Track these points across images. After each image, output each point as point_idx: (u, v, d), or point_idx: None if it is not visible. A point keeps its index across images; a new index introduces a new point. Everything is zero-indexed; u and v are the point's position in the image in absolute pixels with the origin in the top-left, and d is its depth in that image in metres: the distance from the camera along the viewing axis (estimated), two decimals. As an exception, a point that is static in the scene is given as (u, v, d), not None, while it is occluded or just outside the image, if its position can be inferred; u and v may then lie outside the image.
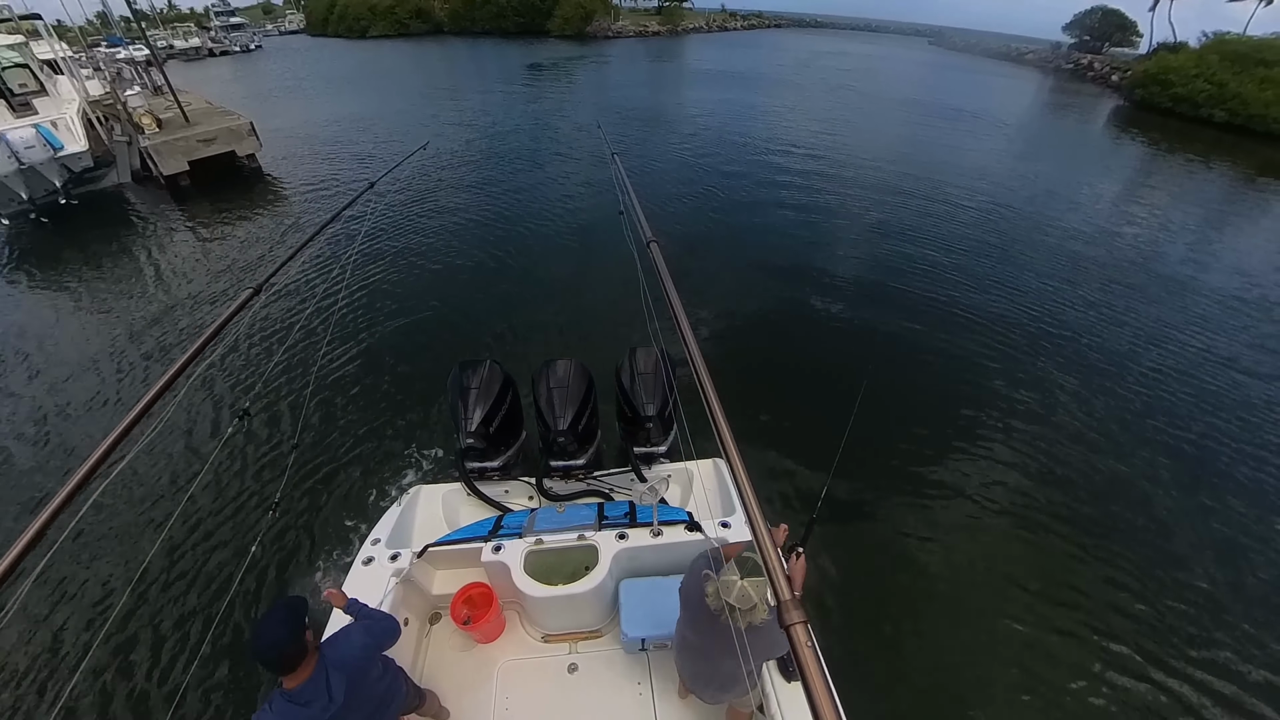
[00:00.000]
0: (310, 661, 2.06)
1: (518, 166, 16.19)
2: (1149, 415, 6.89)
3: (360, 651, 2.25)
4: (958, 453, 6.15)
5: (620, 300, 8.23)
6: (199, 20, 64.83)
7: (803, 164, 16.43)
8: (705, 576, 2.23)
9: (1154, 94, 30.90)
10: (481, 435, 3.82)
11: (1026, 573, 4.91)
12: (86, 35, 44.67)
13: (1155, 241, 12.54)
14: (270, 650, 1.94)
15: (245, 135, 15.59)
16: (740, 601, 2.01)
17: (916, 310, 8.94)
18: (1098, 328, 8.77)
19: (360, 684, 2.21)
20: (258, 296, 2.81)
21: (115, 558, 5.07)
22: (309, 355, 7.49)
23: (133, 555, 5.05)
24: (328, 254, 10.03)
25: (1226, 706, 4.02)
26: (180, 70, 39.82)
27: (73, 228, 12.60)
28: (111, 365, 7.76)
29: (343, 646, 2.22)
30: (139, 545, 5.15)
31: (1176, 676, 4.19)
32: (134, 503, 5.58)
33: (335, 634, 2.32)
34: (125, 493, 5.64)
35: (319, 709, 2.03)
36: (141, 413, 2.04)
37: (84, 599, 4.73)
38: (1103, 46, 53.15)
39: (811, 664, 1.00)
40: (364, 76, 35.55)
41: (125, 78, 20.69)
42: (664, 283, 2.30)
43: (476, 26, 64.63)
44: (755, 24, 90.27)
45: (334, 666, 2.11)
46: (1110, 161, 20.33)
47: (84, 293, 9.88)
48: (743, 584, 2.01)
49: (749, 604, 2.01)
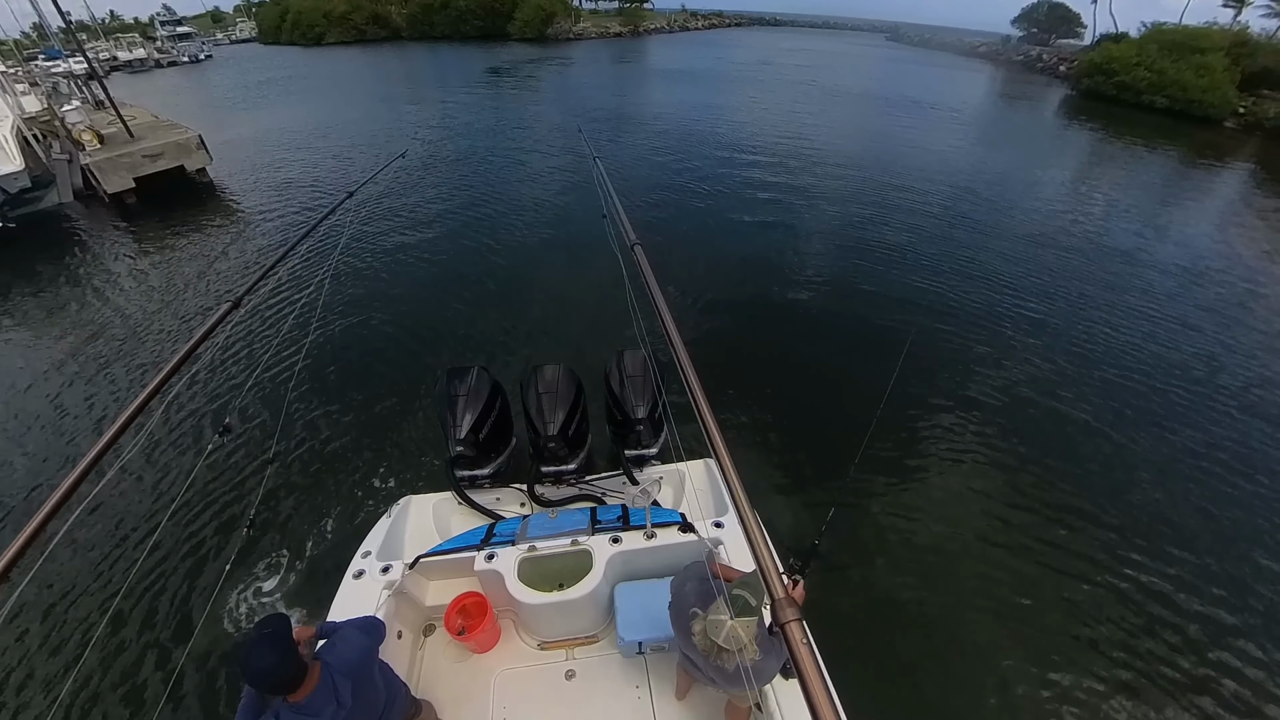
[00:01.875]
0: (313, 674, 2.01)
1: (497, 172, 16.00)
2: (1113, 394, 7.16)
3: (362, 653, 2.23)
4: (954, 455, 6.12)
5: (606, 303, 8.22)
6: (144, 30, 62.42)
7: (773, 159, 16.64)
8: (693, 614, 2.15)
9: (1099, 83, 32.17)
10: (471, 443, 3.80)
11: (1028, 572, 4.89)
12: (22, 48, 42.71)
13: (1106, 220, 13.08)
14: (267, 678, 1.88)
15: (194, 149, 15.05)
16: (729, 644, 1.95)
17: (888, 303, 9.10)
18: (1059, 304, 9.17)
19: (365, 684, 2.20)
20: (237, 310, 2.76)
21: (92, 582, 4.87)
22: (291, 368, 7.26)
23: (110, 579, 4.87)
24: (307, 265, 9.77)
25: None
26: (126, 82, 38.34)
27: (13, 252, 11.94)
28: (68, 393, 7.38)
29: (343, 650, 2.19)
30: (117, 567, 4.97)
31: (1185, 683, 4.16)
32: (109, 527, 5.36)
33: (333, 639, 2.28)
34: (100, 517, 5.41)
35: (329, 716, 2.00)
36: (120, 430, 1.99)
37: (62, 623, 4.56)
38: (1050, 39, 55.12)
39: (808, 661, 1.00)
40: (321, 85, 34.66)
41: (63, 92, 19.78)
42: (649, 285, 2.31)
43: (435, 32, 63.65)
44: (716, 23, 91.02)
45: (338, 672, 2.08)
46: (1061, 148, 21.12)
47: (28, 319, 9.38)
48: (732, 625, 1.94)
49: (738, 645, 1.94)
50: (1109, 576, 4.88)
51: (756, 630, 1.99)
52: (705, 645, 2.06)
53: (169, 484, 5.81)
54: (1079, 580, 4.86)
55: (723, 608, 1.97)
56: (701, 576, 2.21)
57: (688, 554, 3.24)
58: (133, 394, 3.61)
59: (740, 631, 1.93)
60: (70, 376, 7.75)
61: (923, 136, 20.86)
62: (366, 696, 2.19)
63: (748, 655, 1.94)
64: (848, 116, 24.35)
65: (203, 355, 2.35)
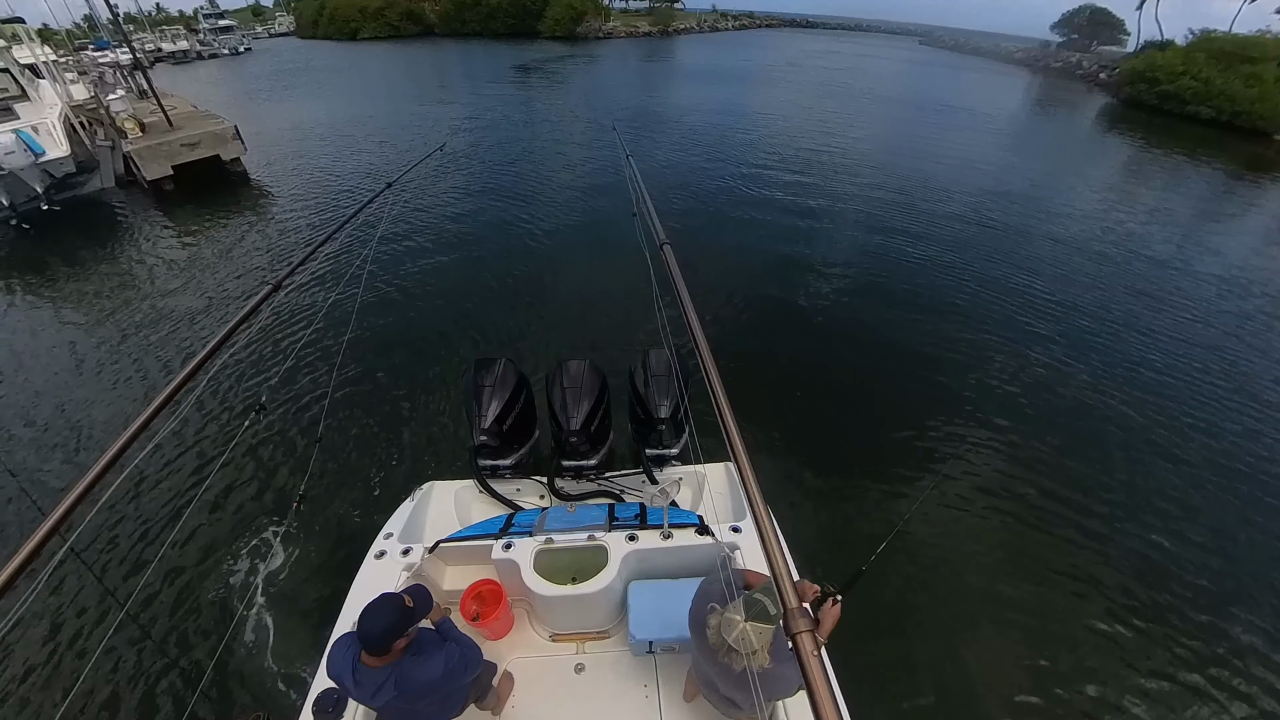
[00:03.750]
0: (387, 661, 2.17)
1: (531, 167, 16.16)
2: (1148, 407, 6.91)
3: (431, 687, 2.25)
4: (992, 479, 5.86)
5: (633, 301, 8.26)
6: (188, 23, 64.33)
7: (804, 163, 16.44)
8: (710, 609, 2.15)
9: (1141, 91, 31.15)
10: (495, 433, 3.85)
11: (1049, 588, 4.76)
12: (73, 39, 44.28)
13: (1146, 235, 12.63)
14: (367, 636, 2.10)
15: (229, 139, 15.45)
16: (740, 644, 1.93)
17: (921, 316, 8.78)
18: (1106, 319, 8.89)
19: (409, 707, 2.27)
20: (278, 292, 2.83)
21: (126, 553, 5.10)
22: (324, 351, 7.52)
23: (144, 550, 5.09)
24: (344, 253, 10.05)
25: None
26: (168, 73, 39.57)
27: (56, 234, 12.45)
28: (107, 370, 7.71)
29: (421, 672, 2.23)
30: (151, 538, 5.20)
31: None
32: (142, 499, 5.61)
33: (427, 656, 2.30)
34: (135, 489, 5.65)
35: (357, 695, 2.19)
36: (162, 405, 2.07)
37: (98, 589, 4.77)
38: (1091, 45, 53.56)
39: (818, 674, 0.98)
40: (354, 79, 35.36)
41: (109, 81, 20.50)
42: (676, 285, 2.31)
43: (467, 28, 64.39)
44: (746, 24, 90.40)
45: (400, 678, 2.18)
46: (1100, 157, 20.49)
47: (71, 297, 9.78)
48: (745, 626, 1.92)
49: (749, 648, 1.92)
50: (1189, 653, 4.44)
51: (772, 641, 1.96)
52: (717, 640, 2.05)
53: (203, 457, 6.08)
54: (1118, 598, 4.68)
55: (739, 608, 1.97)
56: (728, 580, 2.19)
57: (703, 557, 3.24)
58: (173, 371, 3.76)
59: (751, 635, 1.91)
60: (112, 354, 8.07)
61: (956, 142, 20.43)
62: (402, 711, 2.28)
63: (757, 660, 1.92)
64: (879, 121, 23.97)
65: (241, 336, 2.47)
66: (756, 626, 1.91)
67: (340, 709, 2.48)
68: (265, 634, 4.32)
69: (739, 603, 1.99)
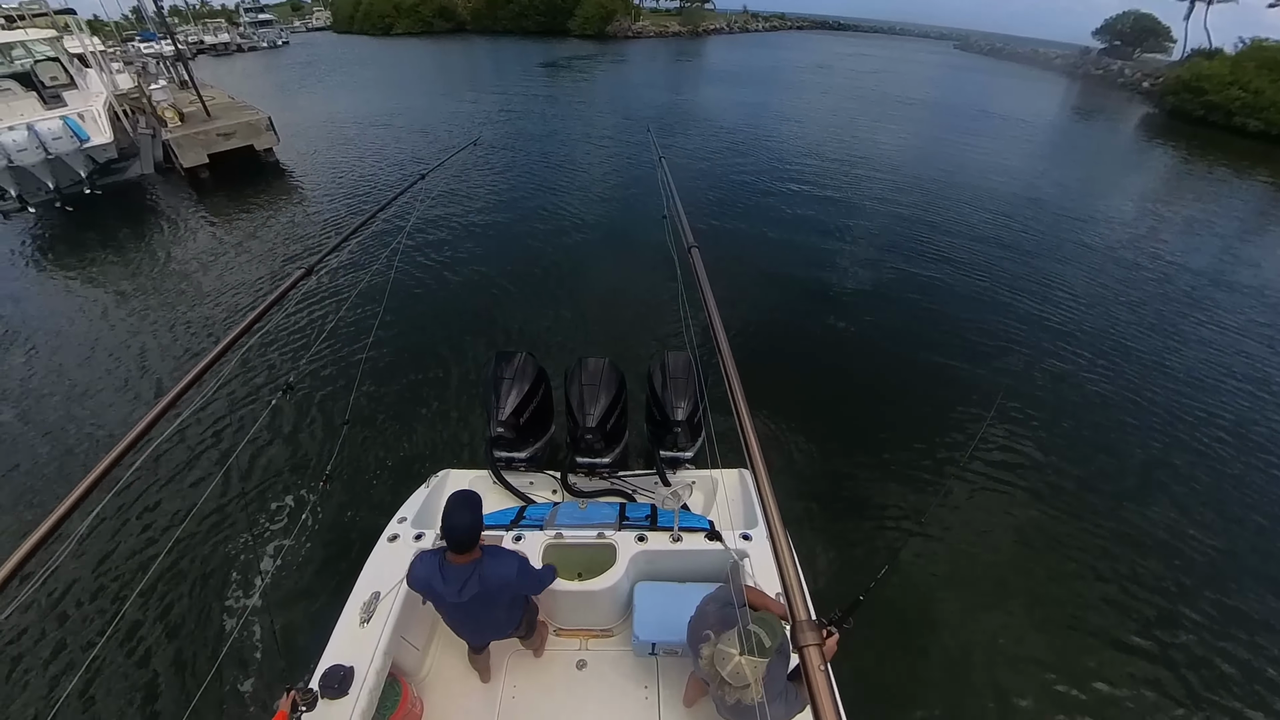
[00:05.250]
0: (471, 559, 2.43)
1: (563, 164, 16.27)
2: (1177, 425, 6.70)
3: (505, 584, 2.50)
4: (1020, 511, 5.59)
5: (657, 303, 8.31)
6: (229, 16, 66.14)
7: (835, 171, 16.19)
8: (705, 636, 2.07)
9: (1186, 101, 30.03)
10: (512, 426, 3.88)
11: (1065, 613, 4.62)
12: (121, 30, 45.82)
13: (1185, 250, 12.19)
14: (456, 530, 2.34)
15: (263, 130, 15.87)
16: (733, 679, 1.86)
17: (954, 334, 8.44)
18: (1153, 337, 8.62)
19: (488, 602, 2.51)
20: (309, 277, 2.88)
21: (149, 524, 5.31)
22: (352, 336, 7.73)
23: (168, 520, 5.30)
24: (374, 242, 10.16)
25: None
26: (209, 65, 40.79)
27: (96, 217, 12.92)
28: (139, 347, 8.07)
29: (498, 567, 2.49)
30: (174, 510, 5.41)
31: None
32: (171, 466, 5.86)
33: (503, 553, 2.57)
34: (166, 457, 5.89)
35: (445, 592, 2.43)
36: (193, 381, 2.13)
37: (122, 555, 4.99)
38: (1134, 52, 51.83)
39: (823, 689, 0.96)
40: (386, 73, 36.03)
41: (151, 72, 21.19)
42: (702, 288, 2.31)
43: (498, 25, 65.04)
44: (777, 25, 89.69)
45: (483, 574, 2.43)
46: (1138, 168, 19.88)
47: (109, 277, 10.21)
48: (740, 661, 1.84)
49: (741, 683, 1.85)
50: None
51: (766, 673, 1.89)
52: (710, 672, 1.98)
53: (230, 433, 6.31)
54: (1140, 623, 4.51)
55: (735, 640, 1.89)
56: (728, 600, 2.08)
57: (712, 562, 3.23)
58: (203, 352, 3.90)
59: (746, 669, 1.83)
60: (145, 332, 8.41)
61: (989, 149, 19.97)
62: (481, 608, 2.53)
63: (751, 695, 1.84)
64: (912, 125, 23.55)
65: (272, 319, 2.53)
66: (752, 661, 1.84)
67: (346, 684, 2.52)
68: (278, 610, 4.44)
69: (733, 634, 1.91)
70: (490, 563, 2.47)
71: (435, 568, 2.45)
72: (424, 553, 2.57)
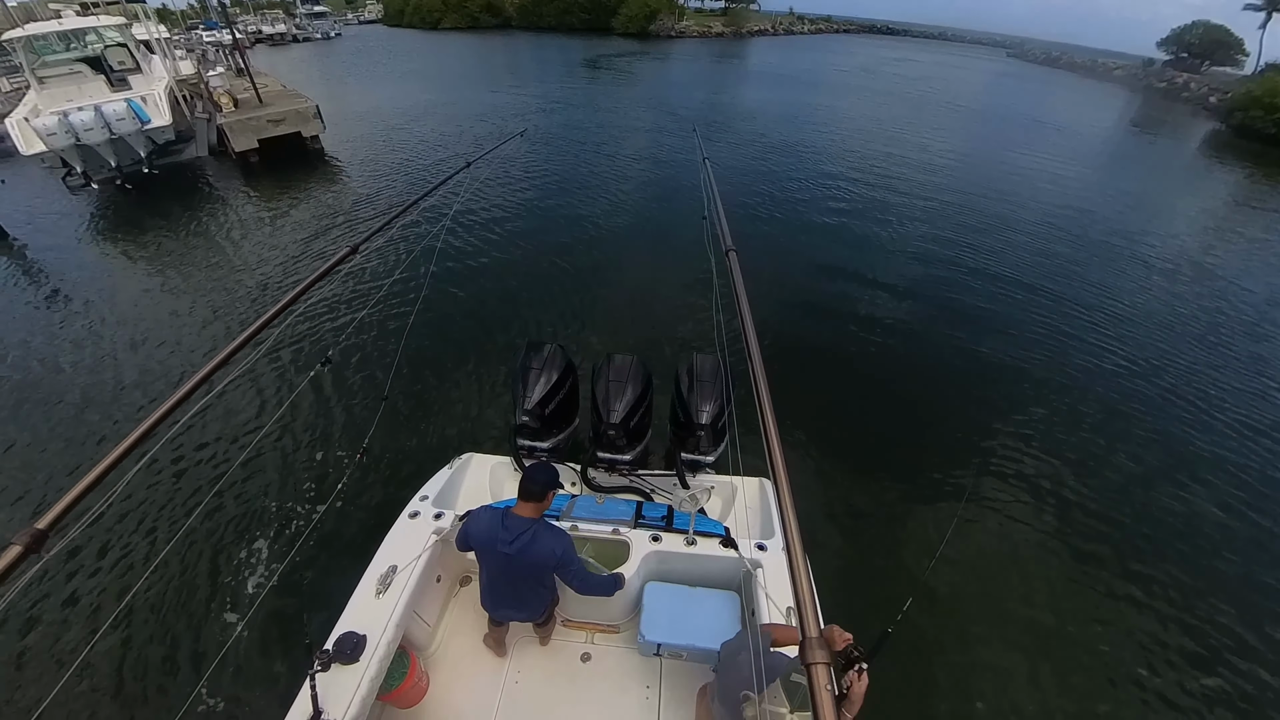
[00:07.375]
0: (535, 513, 2.64)
1: (606, 160, 16.36)
2: (1232, 464, 6.31)
3: (551, 556, 2.65)
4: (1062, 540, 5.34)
5: (690, 304, 8.31)
6: (286, 8, 68.50)
7: (881, 179, 15.73)
8: (745, 697, 1.93)
9: (1256, 118, 28.38)
10: (536, 415, 3.90)
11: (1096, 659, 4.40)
12: (186, 19, 47.91)
13: (1244, 270, 11.56)
14: (535, 481, 2.60)
15: (310, 118, 16.38)
16: None
17: (1002, 354, 8.08)
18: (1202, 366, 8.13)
19: (531, 565, 2.67)
20: (354, 255, 2.94)
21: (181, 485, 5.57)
22: (393, 315, 8.00)
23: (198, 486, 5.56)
24: (418, 226, 10.48)
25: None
26: (265, 54, 42.24)
27: (154, 195, 13.61)
28: (189, 317, 8.55)
29: (551, 539, 2.66)
30: (209, 475, 5.68)
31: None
32: (212, 431, 6.16)
33: (559, 530, 2.75)
34: (208, 421, 6.21)
35: (500, 542, 2.61)
36: (240, 345, 2.18)
37: (164, 504, 5.30)
38: (1202, 65, 49.24)
39: (827, 707, 0.96)
40: (433, 64, 36.79)
41: (210, 59, 22.10)
42: (737, 292, 2.28)
43: (543, 22, 65.82)
44: (823, 28, 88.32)
45: (536, 536, 2.62)
46: (1199, 185, 18.89)
47: (163, 251, 10.83)
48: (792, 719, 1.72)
49: None
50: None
51: None
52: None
53: (272, 402, 6.61)
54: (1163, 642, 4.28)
55: (780, 696, 1.78)
56: (756, 650, 1.92)
57: (724, 569, 3.21)
58: (250, 319, 4.04)
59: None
60: (196, 303, 8.87)
61: (1041, 161, 19.21)
62: (522, 572, 2.71)
63: None
64: (960, 134, 22.90)
65: (315, 294, 2.57)
66: (804, 717, 1.72)
67: (358, 652, 2.58)
68: (301, 576, 4.57)
69: (778, 689, 1.78)
70: (545, 530, 2.65)
71: (499, 517, 2.64)
72: (486, 506, 2.79)
